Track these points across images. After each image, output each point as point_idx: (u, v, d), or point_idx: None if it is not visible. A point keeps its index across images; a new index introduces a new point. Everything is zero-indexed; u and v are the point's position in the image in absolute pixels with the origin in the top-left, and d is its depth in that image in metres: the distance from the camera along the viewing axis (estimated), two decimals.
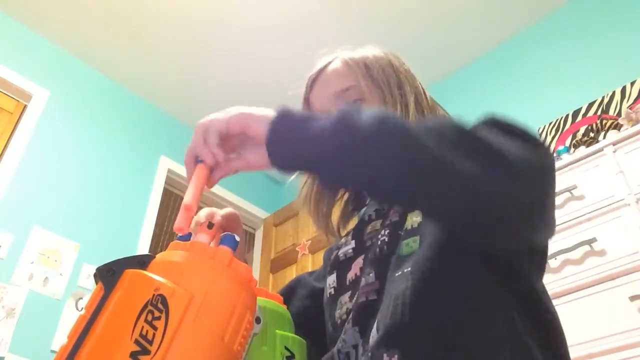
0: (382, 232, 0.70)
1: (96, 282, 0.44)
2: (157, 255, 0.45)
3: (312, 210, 0.87)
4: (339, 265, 0.75)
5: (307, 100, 0.88)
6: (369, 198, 0.85)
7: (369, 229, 0.76)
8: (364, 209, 0.83)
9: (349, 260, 0.74)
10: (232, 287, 0.43)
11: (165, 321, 0.38)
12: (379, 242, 0.68)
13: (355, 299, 0.67)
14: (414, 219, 0.66)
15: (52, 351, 2.38)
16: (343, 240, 0.80)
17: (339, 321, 0.71)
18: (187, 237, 0.50)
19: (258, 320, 0.47)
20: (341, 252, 0.77)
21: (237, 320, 0.41)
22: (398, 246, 0.65)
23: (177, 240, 0.49)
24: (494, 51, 3.07)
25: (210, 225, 0.50)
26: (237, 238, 0.49)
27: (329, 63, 0.85)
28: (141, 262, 0.44)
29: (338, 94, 0.81)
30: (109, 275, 0.43)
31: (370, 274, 0.66)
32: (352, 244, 0.76)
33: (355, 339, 0.64)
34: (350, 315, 0.66)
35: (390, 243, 0.66)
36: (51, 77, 3.00)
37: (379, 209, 0.77)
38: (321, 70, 0.85)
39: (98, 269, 0.43)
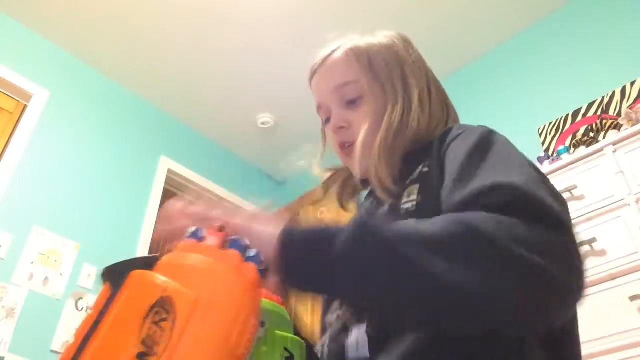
0: None
1: (103, 283, 0.44)
2: (164, 257, 0.45)
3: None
4: None
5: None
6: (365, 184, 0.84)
7: None
8: (363, 200, 0.81)
9: None
10: (239, 291, 0.43)
11: (172, 323, 0.38)
12: None
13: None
14: None
15: (52, 351, 2.38)
16: None
17: (327, 327, 0.70)
18: (195, 238, 0.50)
19: (262, 324, 0.47)
20: None
21: (243, 324, 0.41)
22: None
23: (186, 242, 0.48)
24: (494, 51, 3.07)
25: (220, 228, 0.50)
26: (247, 242, 0.49)
27: (332, 52, 0.82)
28: (148, 263, 0.44)
29: (336, 88, 0.79)
30: (116, 275, 0.43)
31: None
32: None
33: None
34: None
35: None
36: (51, 77, 3.00)
37: (369, 208, 0.77)
38: (324, 60, 0.82)
39: (105, 270, 0.44)
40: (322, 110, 0.83)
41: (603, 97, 2.42)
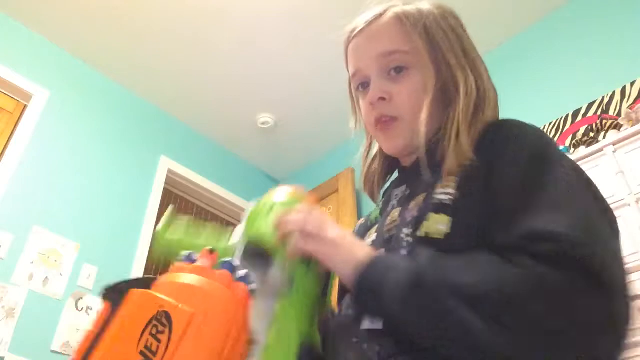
0: (404, 230, 0.64)
1: (103, 301, 0.45)
2: (160, 277, 0.47)
3: (364, 175, 0.84)
4: None
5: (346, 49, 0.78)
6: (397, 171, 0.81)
7: (388, 220, 0.70)
8: (394, 193, 0.76)
9: None
10: (231, 308, 0.45)
11: (169, 335, 0.39)
12: (403, 244, 0.63)
13: None
14: (439, 226, 0.59)
15: (52, 351, 2.38)
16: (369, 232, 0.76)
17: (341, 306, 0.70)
18: (189, 261, 0.52)
19: (251, 342, 0.49)
20: None
21: (235, 339, 0.44)
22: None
23: (181, 263, 0.50)
24: (494, 52, 3.06)
25: (212, 251, 0.53)
26: (235, 263, 0.51)
27: (380, 15, 0.74)
28: (146, 283, 0.45)
29: (382, 55, 0.72)
30: (115, 294, 0.44)
31: None
32: (374, 236, 0.71)
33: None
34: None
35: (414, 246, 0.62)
36: (51, 77, 3.00)
37: (402, 197, 0.72)
38: (369, 23, 0.74)
39: (105, 289, 0.45)
40: (357, 77, 0.76)
41: (603, 97, 2.42)
